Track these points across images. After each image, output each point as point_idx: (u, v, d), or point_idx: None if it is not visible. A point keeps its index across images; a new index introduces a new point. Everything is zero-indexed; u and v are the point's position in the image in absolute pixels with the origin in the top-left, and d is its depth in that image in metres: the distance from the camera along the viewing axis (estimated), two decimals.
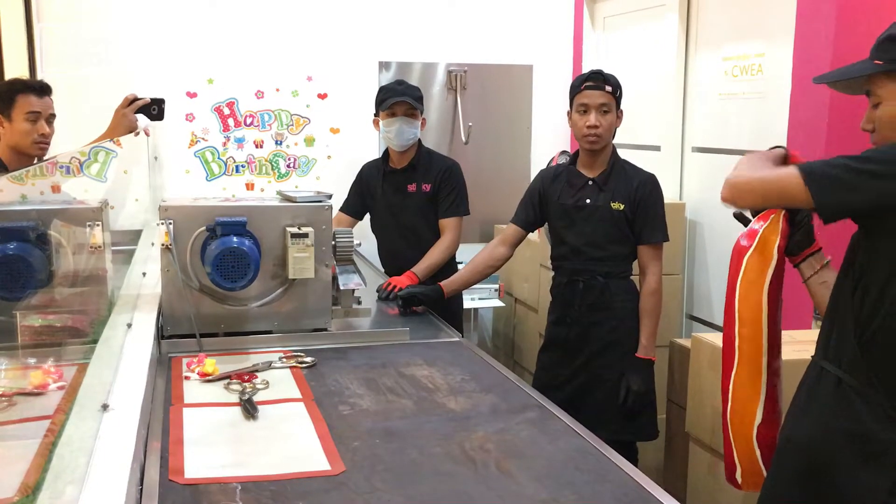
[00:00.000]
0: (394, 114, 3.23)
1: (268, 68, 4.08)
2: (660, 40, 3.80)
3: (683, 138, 3.73)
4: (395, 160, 3.36)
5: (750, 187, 1.62)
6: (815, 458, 1.64)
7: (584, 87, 2.71)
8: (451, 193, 3.31)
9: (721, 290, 3.49)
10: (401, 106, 3.22)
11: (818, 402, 1.66)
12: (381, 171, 3.40)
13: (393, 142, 3.27)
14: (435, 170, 3.33)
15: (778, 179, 1.58)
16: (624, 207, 2.71)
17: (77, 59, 3.83)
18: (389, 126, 3.24)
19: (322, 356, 2.31)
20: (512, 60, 4.41)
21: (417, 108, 3.24)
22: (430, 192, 3.32)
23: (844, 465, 1.58)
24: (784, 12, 2.95)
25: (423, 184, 3.33)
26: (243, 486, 1.52)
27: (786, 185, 1.56)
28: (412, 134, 3.26)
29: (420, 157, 3.34)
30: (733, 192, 1.66)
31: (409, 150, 3.32)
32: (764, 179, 1.60)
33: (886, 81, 1.58)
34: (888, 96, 1.58)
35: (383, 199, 3.39)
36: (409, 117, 3.23)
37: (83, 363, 1.75)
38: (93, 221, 2.10)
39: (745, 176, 1.64)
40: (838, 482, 1.59)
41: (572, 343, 2.78)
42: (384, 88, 3.33)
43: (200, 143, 4.05)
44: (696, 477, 2.67)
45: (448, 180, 3.32)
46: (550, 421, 1.89)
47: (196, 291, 2.32)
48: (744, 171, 1.65)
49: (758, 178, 1.61)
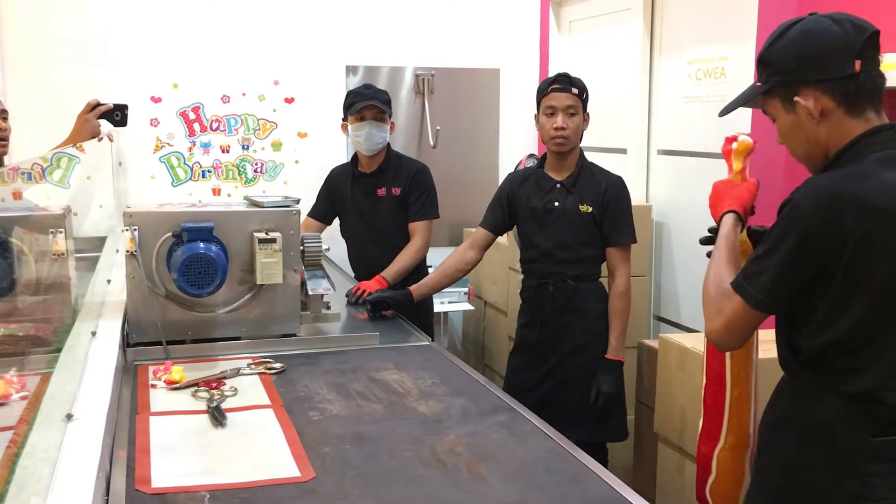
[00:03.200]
0: (362, 118, 3.20)
1: (234, 72, 4.05)
2: (625, 44, 3.84)
3: (649, 141, 3.77)
4: (364, 164, 3.34)
5: (726, 333, 1.65)
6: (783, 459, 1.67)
7: (551, 89, 2.73)
8: (420, 196, 3.30)
9: (688, 291, 3.55)
10: (369, 110, 3.20)
11: (782, 399, 1.70)
12: (350, 176, 3.38)
13: (362, 146, 3.25)
14: (405, 173, 3.32)
15: (733, 316, 1.61)
16: (592, 210, 2.73)
17: (41, 63, 3.77)
18: (358, 130, 3.22)
19: (291, 362, 2.29)
20: (479, 64, 4.43)
21: (386, 112, 3.23)
22: (400, 195, 3.31)
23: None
24: (746, 17, 3.00)
25: (392, 187, 3.31)
26: (212, 495, 1.51)
27: (739, 316, 1.60)
28: (381, 138, 3.25)
29: (389, 160, 3.33)
30: (723, 342, 1.69)
31: (379, 153, 3.30)
32: (726, 324, 1.63)
33: (771, 100, 1.63)
34: (776, 113, 1.64)
35: (353, 203, 3.37)
36: (378, 121, 3.21)
37: (47, 372, 1.72)
38: (56, 228, 2.07)
39: (713, 329, 1.66)
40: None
41: (543, 346, 2.80)
42: (352, 92, 3.31)
43: (166, 148, 4.01)
44: (664, 476, 2.69)
45: (418, 183, 3.31)
46: (520, 423, 1.90)
47: (162, 298, 2.30)
48: (709, 317, 1.68)
49: (722, 327, 1.64)
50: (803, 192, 1.52)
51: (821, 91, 1.55)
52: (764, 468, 1.72)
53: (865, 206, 1.47)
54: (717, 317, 1.64)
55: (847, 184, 1.50)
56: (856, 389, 1.54)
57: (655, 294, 3.73)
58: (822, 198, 1.50)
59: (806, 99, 1.56)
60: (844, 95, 1.54)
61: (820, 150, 1.59)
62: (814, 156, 1.61)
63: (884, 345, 1.52)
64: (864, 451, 1.53)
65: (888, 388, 1.52)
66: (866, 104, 1.55)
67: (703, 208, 1.90)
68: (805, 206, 1.50)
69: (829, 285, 1.51)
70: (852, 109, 1.55)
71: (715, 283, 1.67)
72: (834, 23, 1.54)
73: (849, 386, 1.54)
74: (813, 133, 1.58)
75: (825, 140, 1.58)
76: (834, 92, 1.54)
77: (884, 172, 1.50)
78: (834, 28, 1.54)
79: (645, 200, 3.76)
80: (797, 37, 1.57)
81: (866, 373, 1.53)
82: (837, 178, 1.53)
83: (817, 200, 1.50)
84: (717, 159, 2.05)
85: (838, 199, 1.48)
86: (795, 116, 1.59)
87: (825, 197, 1.49)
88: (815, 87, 1.55)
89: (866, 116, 1.55)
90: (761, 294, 1.56)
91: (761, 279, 1.56)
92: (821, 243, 1.49)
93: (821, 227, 1.48)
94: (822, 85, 1.54)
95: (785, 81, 1.59)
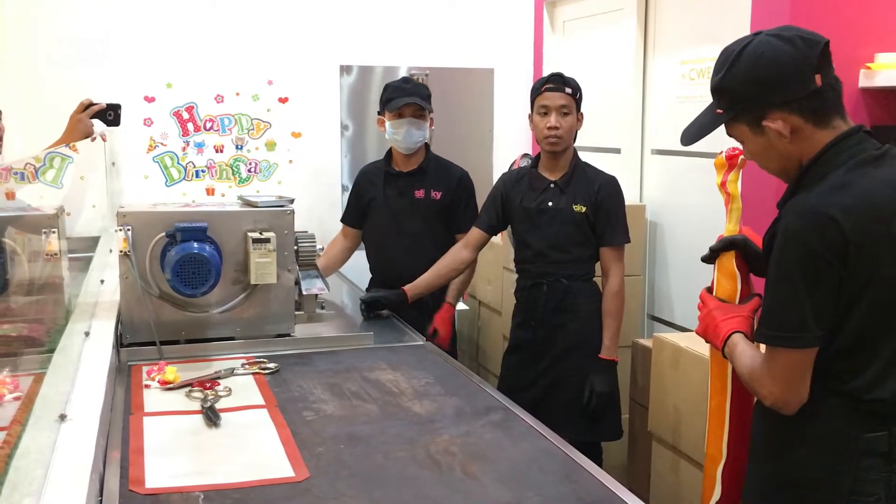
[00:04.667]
0: (401, 115, 3.03)
1: (228, 72, 4.04)
2: (618, 44, 3.84)
3: (643, 141, 3.77)
4: (399, 162, 3.16)
5: (788, 390, 1.56)
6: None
7: (545, 89, 2.73)
8: (470, 205, 3.16)
9: (682, 291, 3.56)
10: (409, 107, 3.02)
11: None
12: (383, 173, 3.18)
13: (400, 144, 3.08)
14: (448, 177, 3.16)
15: (786, 369, 1.55)
16: (586, 210, 2.73)
17: (33, 62, 3.76)
18: (397, 128, 3.04)
19: (285, 362, 2.29)
20: (473, 64, 4.42)
21: (426, 109, 3.05)
22: (440, 200, 3.13)
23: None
24: (739, 17, 3.00)
25: (433, 190, 3.13)
26: (206, 495, 1.50)
27: (789, 365, 1.54)
28: (421, 136, 3.07)
29: (430, 160, 3.17)
30: (791, 399, 1.58)
31: (417, 152, 3.13)
32: (785, 383, 1.55)
33: (735, 124, 1.64)
34: (743, 136, 1.64)
35: (384, 202, 3.17)
36: (418, 118, 3.04)
37: (40, 373, 1.71)
38: (49, 228, 2.07)
39: (774, 395, 1.57)
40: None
41: (537, 345, 2.80)
42: (390, 86, 3.10)
43: (159, 147, 4.00)
44: (658, 475, 2.70)
45: (465, 190, 3.16)
46: (514, 423, 1.90)
47: (156, 298, 2.29)
48: (763, 388, 1.59)
49: (781, 390, 1.56)
50: (792, 215, 1.53)
51: (787, 111, 1.55)
52: (757, 465, 1.73)
53: (854, 215, 1.48)
54: (770, 383, 1.57)
55: (831, 198, 1.51)
56: (850, 388, 1.55)
57: (649, 293, 3.73)
58: (811, 215, 1.50)
59: (774, 121, 1.56)
60: (811, 111, 1.55)
61: (793, 162, 1.61)
62: (788, 168, 1.62)
63: (880, 346, 1.54)
64: (857, 447, 1.54)
65: (882, 386, 1.54)
66: (832, 113, 1.57)
67: (698, 208, 1.91)
68: (798, 226, 1.51)
69: (840, 293, 1.51)
70: (820, 122, 1.56)
71: (750, 362, 1.62)
72: (784, 41, 1.54)
73: (844, 385, 1.55)
74: (785, 150, 1.59)
75: (798, 153, 1.59)
76: (801, 110, 1.55)
77: (859, 179, 1.52)
78: (786, 48, 1.54)
79: (639, 200, 3.76)
80: (751, 62, 1.57)
81: (862, 374, 1.54)
82: (819, 194, 1.53)
83: (807, 218, 1.50)
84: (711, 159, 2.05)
85: (826, 214, 1.48)
86: (764, 139, 1.60)
87: (814, 214, 1.50)
88: (780, 109, 1.56)
89: (834, 125, 1.57)
90: (803, 331, 1.51)
91: (796, 317, 1.51)
92: (826, 254, 1.48)
93: (819, 240, 1.48)
94: (788, 105, 1.55)
95: (748, 109, 1.59)
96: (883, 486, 1.55)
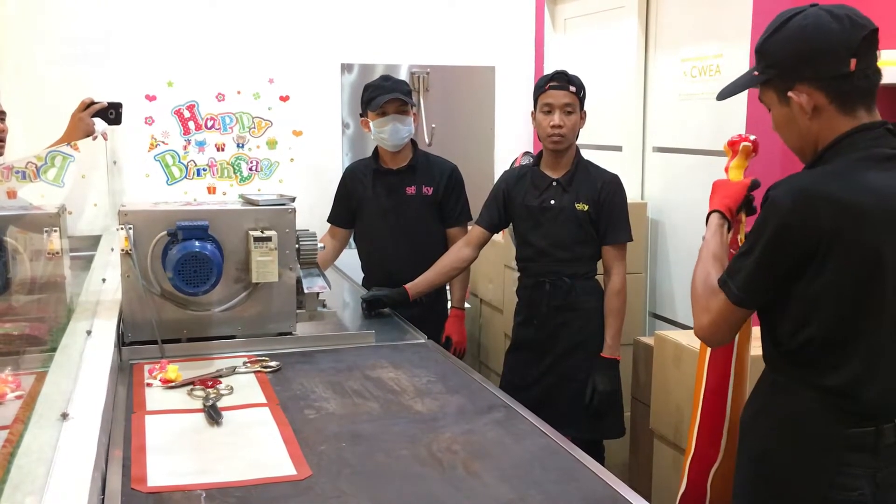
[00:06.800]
0: (385, 112, 3.01)
1: (229, 70, 4.03)
2: (620, 42, 3.83)
3: (644, 138, 3.77)
4: (387, 160, 3.15)
5: (713, 330, 1.67)
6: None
7: (549, 87, 2.72)
8: (460, 199, 3.17)
9: (683, 289, 3.55)
10: (392, 104, 3.01)
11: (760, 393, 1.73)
12: (371, 172, 3.17)
13: (387, 142, 3.06)
14: (438, 172, 3.15)
15: (719, 313, 1.64)
16: (588, 208, 2.73)
17: (35, 61, 3.76)
18: (382, 126, 3.03)
19: (287, 360, 2.29)
20: (474, 62, 4.42)
21: (409, 104, 3.04)
22: (432, 195, 3.13)
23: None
24: (740, 14, 3.00)
25: (424, 186, 3.13)
26: (208, 494, 1.50)
27: (724, 313, 1.63)
28: (406, 132, 3.06)
29: (417, 157, 3.16)
30: (710, 339, 1.73)
31: (405, 149, 3.12)
32: (713, 322, 1.66)
33: (766, 89, 1.65)
34: (770, 102, 1.65)
35: (374, 201, 3.16)
36: (402, 114, 3.02)
37: (42, 372, 1.72)
38: (50, 227, 2.06)
39: (701, 326, 1.69)
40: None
41: (540, 344, 2.80)
42: (370, 86, 3.09)
43: (160, 146, 3.99)
44: (660, 473, 2.70)
45: (455, 185, 3.16)
46: (517, 421, 1.90)
47: (157, 297, 2.29)
48: (697, 314, 1.70)
49: (709, 325, 1.67)
50: (781, 191, 1.54)
51: (814, 88, 1.55)
52: (741, 458, 1.73)
53: (838, 204, 1.49)
54: (704, 314, 1.67)
55: (822, 182, 1.53)
56: (832, 384, 1.56)
57: (651, 291, 3.73)
58: (798, 195, 1.52)
59: (799, 95, 1.56)
60: (838, 93, 1.55)
61: (810, 144, 1.61)
62: (805, 148, 1.63)
63: (859, 342, 1.54)
64: (839, 442, 1.55)
65: (863, 384, 1.54)
66: (858, 102, 1.56)
67: (699, 206, 1.91)
68: (782, 204, 1.53)
69: (801, 279, 1.53)
70: (844, 107, 1.55)
71: (702, 281, 1.70)
72: (833, 18, 1.54)
73: (825, 380, 1.57)
74: (805, 127, 1.59)
75: (816, 135, 1.59)
76: (827, 89, 1.55)
77: (859, 172, 1.52)
78: (832, 24, 1.53)
79: (640, 198, 3.76)
80: (795, 31, 1.57)
81: (843, 368, 1.55)
82: (813, 176, 1.56)
83: (793, 197, 1.52)
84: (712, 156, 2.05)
85: (813, 197, 1.50)
86: (788, 110, 1.60)
87: (801, 194, 1.52)
88: (808, 84, 1.56)
89: (857, 114, 1.56)
90: (740, 290, 1.59)
91: (741, 276, 1.59)
92: (796, 237, 1.51)
93: (797, 221, 1.51)
94: (816, 82, 1.55)
95: (780, 75, 1.59)
96: (868, 481, 1.55)
